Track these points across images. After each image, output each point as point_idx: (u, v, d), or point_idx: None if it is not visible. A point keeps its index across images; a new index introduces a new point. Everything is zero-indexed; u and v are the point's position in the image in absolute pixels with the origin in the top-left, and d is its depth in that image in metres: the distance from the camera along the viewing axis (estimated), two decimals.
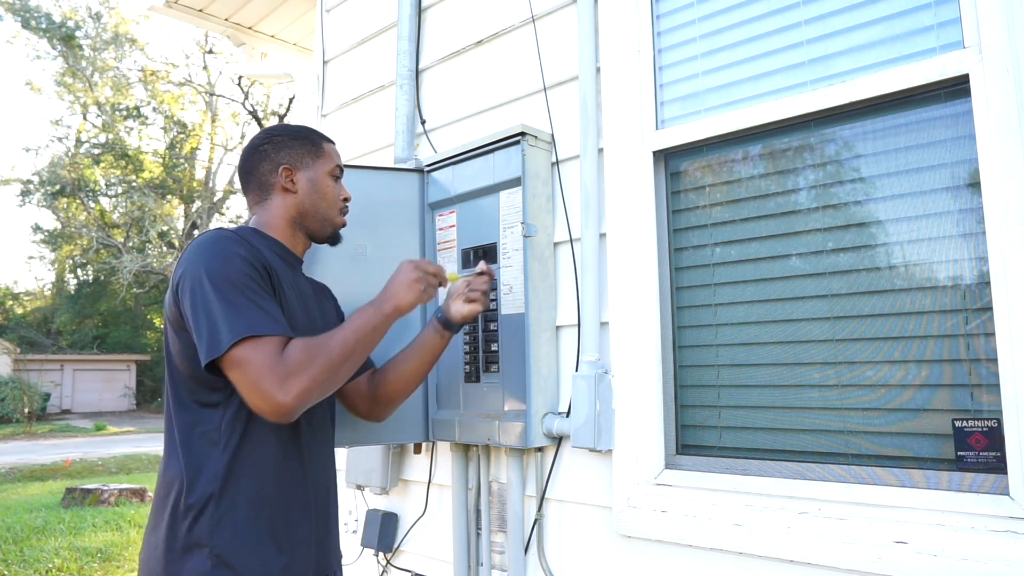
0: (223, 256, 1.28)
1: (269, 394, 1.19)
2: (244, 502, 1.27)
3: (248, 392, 1.21)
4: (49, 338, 27.68)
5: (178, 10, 3.53)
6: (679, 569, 1.57)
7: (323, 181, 1.51)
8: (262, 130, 1.55)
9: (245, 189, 1.52)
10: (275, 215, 1.48)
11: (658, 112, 1.75)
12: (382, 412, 1.64)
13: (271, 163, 1.48)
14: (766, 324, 1.57)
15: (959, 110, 1.34)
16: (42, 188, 25.80)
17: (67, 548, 5.71)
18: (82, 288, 28.85)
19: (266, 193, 1.49)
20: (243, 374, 1.20)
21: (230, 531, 1.25)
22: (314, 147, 1.52)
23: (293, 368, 1.22)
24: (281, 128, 1.53)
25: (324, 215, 1.52)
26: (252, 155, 1.50)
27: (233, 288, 1.24)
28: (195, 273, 1.26)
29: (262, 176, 1.49)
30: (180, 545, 1.24)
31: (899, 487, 1.34)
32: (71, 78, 25.66)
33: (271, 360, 1.21)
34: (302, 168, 1.49)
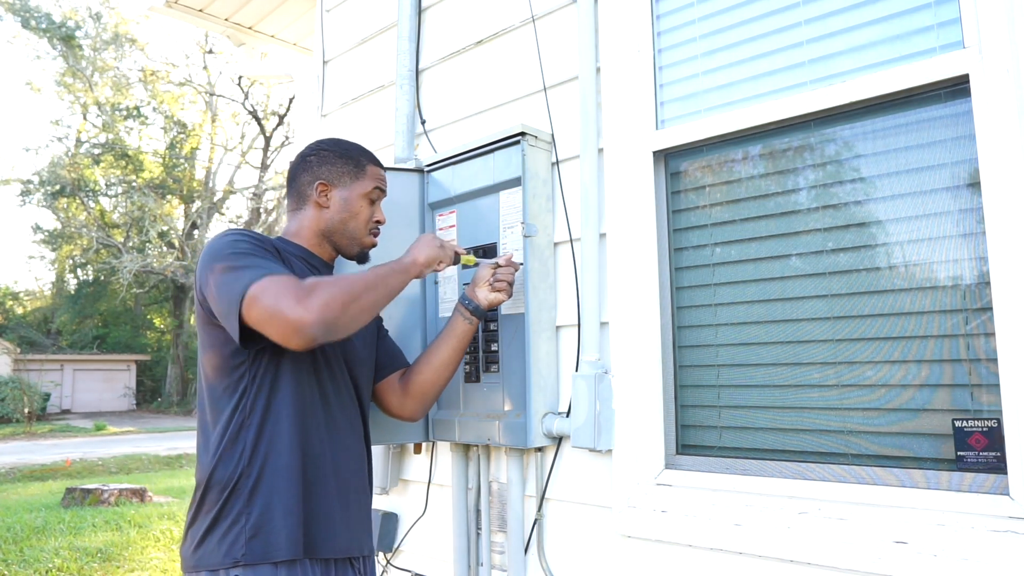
0: (225, 243, 1.36)
1: (288, 312, 1.21)
2: (271, 476, 1.33)
3: (269, 319, 1.22)
4: (49, 338, 27.69)
5: (178, 10, 3.52)
6: (679, 569, 1.57)
7: (357, 202, 1.55)
8: (315, 140, 1.60)
9: (288, 194, 1.59)
10: (304, 226, 1.54)
11: (658, 112, 1.75)
12: (416, 407, 1.68)
13: (311, 175, 1.54)
14: (766, 324, 1.57)
15: (959, 110, 1.34)
16: (42, 188, 25.80)
17: (67, 548, 5.71)
18: (82, 288, 28.85)
19: (302, 203, 1.55)
20: (261, 305, 1.23)
21: (260, 504, 1.32)
22: (357, 168, 1.56)
23: (309, 288, 1.25)
24: (332, 143, 1.58)
25: (352, 235, 1.56)
26: (299, 164, 1.56)
27: (236, 257, 1.31)
28: (205, 266, 1.34)
29: (301, 186, 1.55)
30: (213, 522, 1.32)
31: (899, 487, 1.34)
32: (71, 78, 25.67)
33: (286, 285, 1.24)
34: (339, 186, 1.54)
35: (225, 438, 1.34)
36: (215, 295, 1.30)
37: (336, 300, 1.26)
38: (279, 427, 1.36)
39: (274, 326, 1.23)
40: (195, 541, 1.33)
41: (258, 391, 1.36)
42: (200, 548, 1.32)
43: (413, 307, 2.03)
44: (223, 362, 1.36)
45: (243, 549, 1.29)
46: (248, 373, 1.36)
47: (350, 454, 1.49)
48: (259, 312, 1.24)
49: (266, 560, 1.30)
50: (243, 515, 1.31)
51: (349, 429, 1.50)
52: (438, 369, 1.65)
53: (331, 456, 1.43)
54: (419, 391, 1.66)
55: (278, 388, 1.37)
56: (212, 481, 1.34)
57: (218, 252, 1.33)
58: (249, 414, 1.35)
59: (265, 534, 1.31)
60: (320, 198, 1.53)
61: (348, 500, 1.46)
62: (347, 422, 1.50)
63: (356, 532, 1.47)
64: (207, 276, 1.33)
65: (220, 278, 1.30)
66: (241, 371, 1.36)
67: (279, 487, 1.34)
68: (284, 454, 1.35)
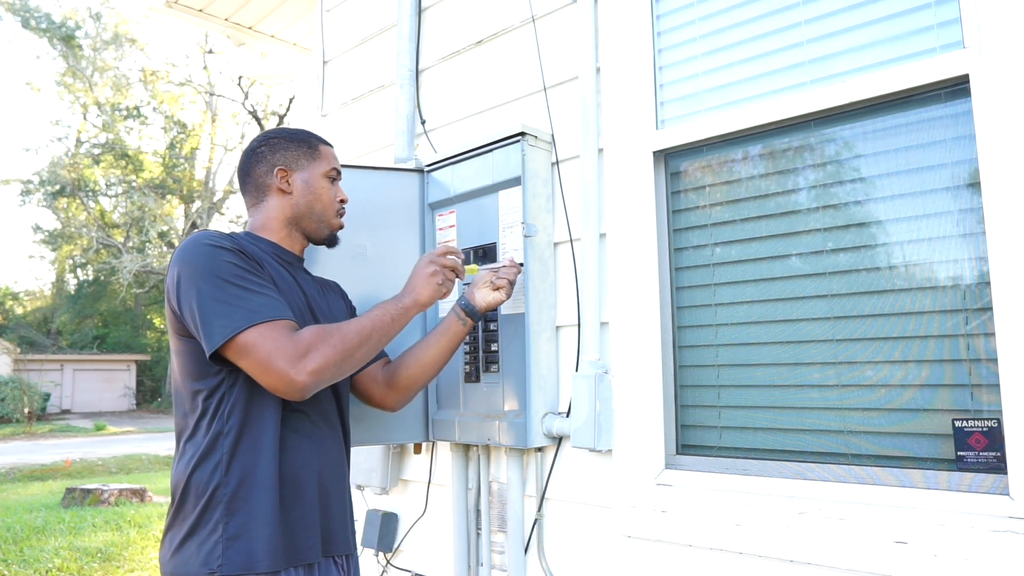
0: (206, 254, 1.31)
1: (282, 372, 1.24)
2: (248, 486, 1.30)
3: (261, 373, 1.26)
4: (49, 338, 27.69)
5: (178, 10, 3.52)
6: (679, 569, 1.57)
7: (318, 183, 1.53)
8: (260, 134, 1.58)
9: (243, 192, 1.55)
10: (270, 216, 1.51)
11: (658, 112, 1.75)
12: (398, 399, 1.66)
13: (267, 164, 1.51)
14: (766, 324, 1.57)
15: (959, 110, 1.34)
16: (42, 188, 25.80)
17: (67, 548, 5.71)
18: (82, 288, 28.84)
19: (262, 195, 1.52)
20: (254, 357, 1.25)
21: (240, 515, 1.28)
22: (310, 149, 1.54)
23: (305, 347, 1.27)
24: (278, 131, 1.56)
25: (320, 216, 1.54)
26: (249, 158, 1.53)
27: (225, 281, 1.29)
28: (185, 277, 1.30)
29: (258, 178, 1.51)
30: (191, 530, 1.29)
31: (899, 487, 1.34)
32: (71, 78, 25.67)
33: (281, 341, 1.26)
34: (297, 170, 1.52)
35: (202, 446, 1.31)
36: (197, 316, 1.27)
37: (331, 361, 1.29)
38: (259, 436, 1.32)
39: (265, 380, 1.27)
40: (172, 547, 1.31)
41: (237, 399, 1.32)
42: (177, 555, 1.29)
43: None
44: (199, 369, 1.32)
45: (220, 559, 1.25)
46: (227, 381, 1.32)
47: (330, 458, 1.45)
48: (250, 363, 1.26)
49: (246, 571, 1.26)
50: (220, 524, 1.27)
51: (329, 431, 1.47)
52: (426, 366, 1.63)
53: (311, 463, 1.39)
54: (404, 385, 1.63)
55: (257, 396, 1.33)
56: (189, 488, 1.30)
57: (203, 266, 1.29)
58: (227, 421, 1.31)
59: (244, 544, 1.27)
60: (282, 184, 1.50)
61: (329, 504, 1.43)
62: (327, 425, 1.47)
63: (337, 533, 1.45)
64: (188, 290, 1.29)
65: (207, 304, 1.27)
66: (219, 378, 1.32)
67: (258, 497, 1.30)
68: (264, 463, 1.31)
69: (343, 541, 1.46)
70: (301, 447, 1.38)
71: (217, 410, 1.31)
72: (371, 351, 1.38)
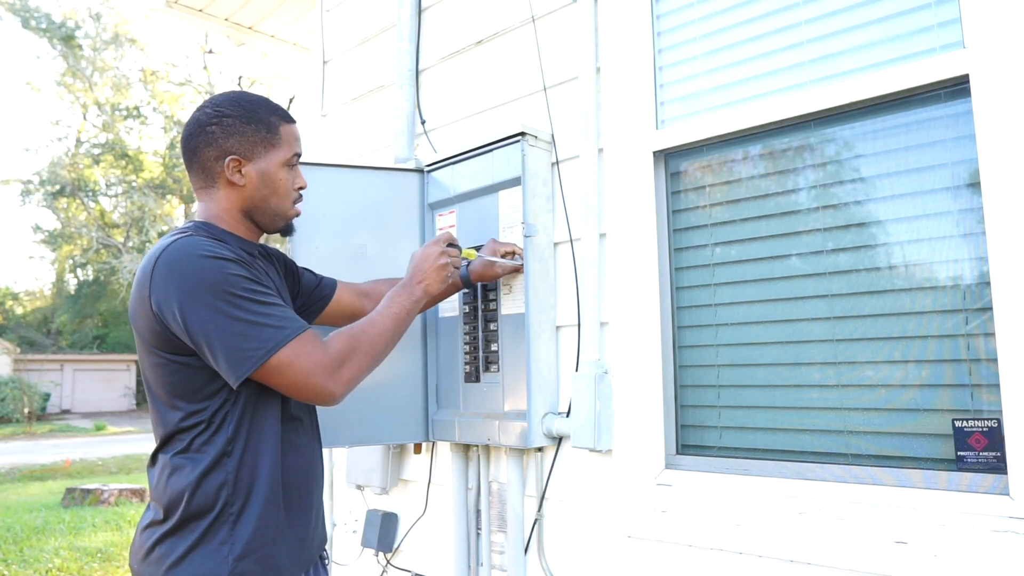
0: (210, 268, 1.20)
1: (320, 387, 1.24)
2: (256, 502, 1.26)
3: (297, 390, 1.24)
4: (49, 338, 27.68)
5: (178, 10, 3.52)
6: (679, 569, 1.57)
7: (276, 174, 1.36)
8: (209, 100, 1.37)
9: (188, 168, 1.37)
10: (223, 208, 1.36)
11: (658, 112, 1.75)
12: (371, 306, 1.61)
13: (217, 149, 1.32)
14: (766, 324, 1.57)
15: (959, 110, 1.34)
16: (42, 188, 25.80)
17: (67, 548, 5.71)
18: (82, 288, 28.83)
19: (211, 181, 1.35)
20: (290, 376, 1.22)
21: (245, 529, 1.24)
22: (269, 133, 1.35)
23: (339, 359, 1.26)
24: (233, 103, 1.35)
25: (275, 210, 1.39)
26: (198, 134, 1.33)
27: (239, 297, 1.20)
28: (189, 295, 1.19)
29: (206, 162, 1.33)
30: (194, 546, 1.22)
31: (899, 487, 1.34)
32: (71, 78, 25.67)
33: (316, 356, 1.24)
34: (253, 159, 1.34)
35: (204, 463, 1.24)
36: (214, 339, 1.18)
37: (363, 368, 1.31)
38: (262, 450, 1.28)
39: (303, 396, 1.26)
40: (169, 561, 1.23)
41: (238, 415, 1.26)
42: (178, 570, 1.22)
43: None
44: (195, 389, 1.25)
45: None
46: (229, 400, 1.26)
47: (316, 462, 1.43)
48: (287, 381, 1.23)
49: None
50: (227, 543, 1.23)
51: (315, 436, 1.45)
52: None
53: (307, 470, 1.38)
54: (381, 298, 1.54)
55: (260, 411, 1.29)
56: (191, 503, 1.23)
57: (210, 283, 1.19)
58: (231, 439, 1.25)
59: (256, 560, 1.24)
60: (233, 176, 1.32)
61: (319, 511, 1.43)
62: (313, 429, 1.45)
63: (321, 533, 1.44)
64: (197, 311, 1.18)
65: (228, 325, 1.18)
66: (218, 401, 1.25)
67: (266, 512, 1.27)
68: (269, 477, 1.28)
69: (324, 539, 1.46)
70: (298, 457, 1.36)
71: (220, 427, 1.25)
72: (391, 349, 1.38)
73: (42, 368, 22.89)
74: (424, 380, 2.03)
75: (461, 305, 1.97)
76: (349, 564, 2.37)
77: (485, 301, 1.90)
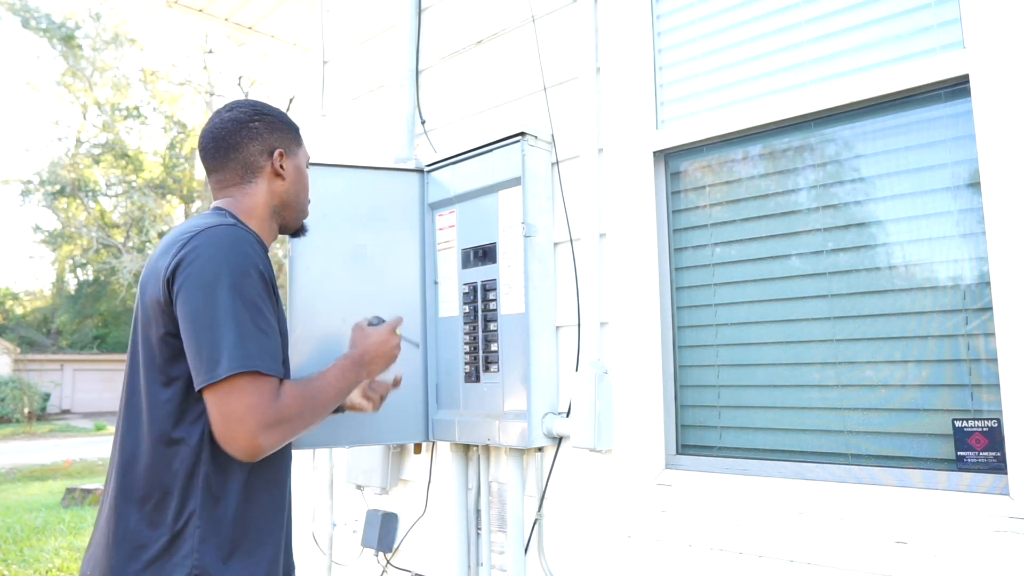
0: (243, 267, 1.20)
1: (250, 433, 1.15)
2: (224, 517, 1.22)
3: (226, 424, 1.15)
4: (49, 338, 27.68)
5: (178, 10, 3.52)
6: (679, 569, 1.57)
7: (305, 171, 1.47)
8: (238, 102, 1.42)
9: (220, 166, 1.38)
10: (258, 201, 1.38)
11: (658, 112, 1.75)
12: None
13: (263, 144, 1.38)
14: (766, 324, 1.57)
15: (959, 110, 1.34)
16: (42, 188, 25.80)
17: (67, 548, 5.71)
18: (82, 288, 28.83)
19: (251, 175, 1.38)
20: (230, 406, 1.14)
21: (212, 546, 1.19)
22: (297, 135, 1.46)
23: (282, 416, 1.19)
24: (267, 107, 1.43)
25: (302, 207, 1.46)
26: (239, 130, 1.37)
27: (246, 309, 1.18)
28: (209, 276, 1.17)
29: (250, 156, 1.37)
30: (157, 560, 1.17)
31: (899, 487, 1.34)
32: (71, 78, 25.67)
33: (265, 401, 1.16)
34: (290, 155, 1.42)
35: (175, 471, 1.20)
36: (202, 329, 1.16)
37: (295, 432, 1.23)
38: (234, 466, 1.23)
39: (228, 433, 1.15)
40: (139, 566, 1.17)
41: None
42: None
43: (413, 307, 2.03)
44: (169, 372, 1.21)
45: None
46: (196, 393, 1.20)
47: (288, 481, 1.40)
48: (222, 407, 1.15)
49: None
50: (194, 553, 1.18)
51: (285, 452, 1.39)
52: None
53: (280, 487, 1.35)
54: None
55: None
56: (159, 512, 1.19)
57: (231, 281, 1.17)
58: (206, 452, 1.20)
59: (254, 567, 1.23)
60: (278, 168, 1.39)
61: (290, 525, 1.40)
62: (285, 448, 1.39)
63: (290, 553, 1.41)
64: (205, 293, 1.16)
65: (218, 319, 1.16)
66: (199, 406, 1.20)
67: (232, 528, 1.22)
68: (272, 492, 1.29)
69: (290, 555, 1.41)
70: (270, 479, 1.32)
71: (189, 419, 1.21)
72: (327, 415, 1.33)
73: (42, 368, 22.89)
74: (424, 380, 2.03)
75: (461, 305, 1.97)
76: (349, 564, 2.37)
77: (485, 301, 1.90)
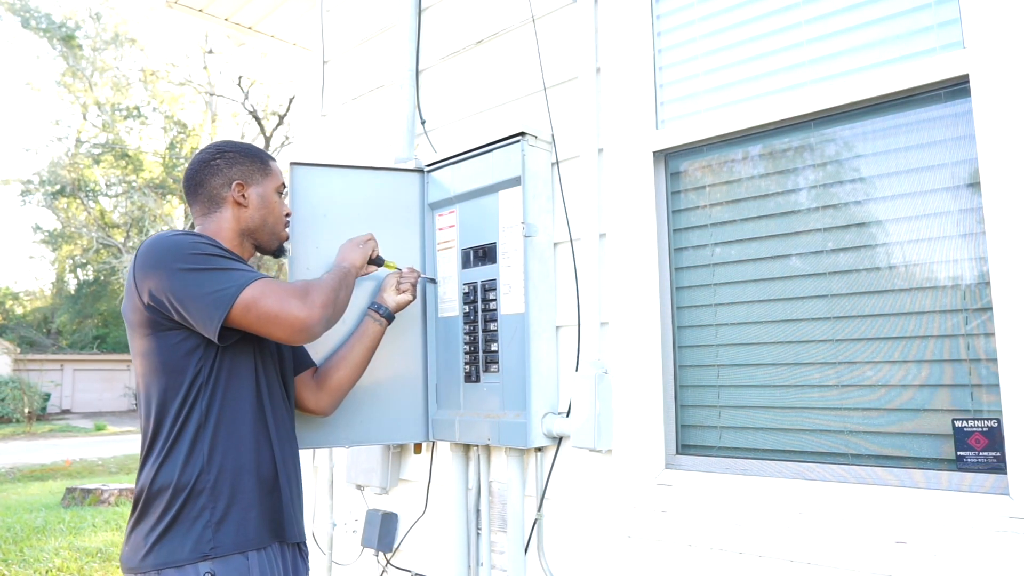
0: (178, 242, 1.37)
1: (297, 311, 1.34)
2: (232, 475, 1.37)
3: (274, 319, 1.33)
4: (49, 338, 27.68)
5: (178, 10, 3.52)
6: (679, 569, 1.57)
7: (271, 197, 1.60)
8: (210, 145, 1.62)
9: (192, 201, 1.59)
10: (224, 227, 1.55)
11: (658, 112, 1.75)
12: (330, 402, 1.74)
13: (223, 178, 1.56)
14: (766, 324, 1.57)
15: (959, 110, 1.34)
16: (42, 188, 25.79)
17: (67, 548, 5.71)
18: (82, 288, 28.83)
19: (216, 206, 1.56)
20: (263, 307, 1.33)
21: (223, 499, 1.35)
22: (263, 165, 1.61)
23: (302, 291, 1.39)
24: (231, 144, 1.61)
25: (272, 230, 1.61)
26: (203, 169, 1.56)
27: (207, 259, 1.35)
28: (161, 266, 1.35)
29: (212, 190, 1.55)
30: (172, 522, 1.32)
31: (899, 487, 1.34)
32: (71, 78, 25.66)
33: (283, 288, 1.36)
34: (253, 184, 1.58)
35: (180, 441, 1.35)
36: (187, 295, 1.33)
37: (328, 298, 1.42)
38: (237, 426, 1.40)
39: (280, 326, 1.34)
40: (150, 542, 1.32)
41: (212, 392, 1.38)
42: (159, 547, 1.32)
43: (413, 307, 2.03)
44: (173, 364, 1.37)
45: (212, 543, 1.32)
46: (201, 375, 1.37)
47: (292, 445, 1.54)
48: (262, 313, 1.33)
49: (237, 551, 1.34)
50: (207, 510, 1.33)
51: (288, 422, 1.56)
52: (353, 368, 1.74)
53: (280, 448, 1.48)
54: (335, 387, 1.72)
55: (232, 388, 1.40)
56: (167, 484, 1.33)
57: (178, 253, 1.35)
58: (205, 415, 1.37)
59: (233, 526, 1.34)
60: (239, 197, 1.55)
61: (295, 490, 1.52)
62: (287, 415, 1.55)
63: (301, 519, 1.54)
64: (167, 277, 1.33)
65: (194, 278, 1.33)
66: (192, 373, 1.37)
67: (242, 484, 1.38)
68: (245, 451, 1.40)
69: (300, 529, 1.53)
70: (274, 438, 1.47)
71: (195, 404, 1.36)
72: (347, 297, 1.54)
73: (42, 368, 22.88)
74: (424, 380, 2.03)
75: (461, 305, 1.97)
76: (349, 564, 2.37)
77: (485, 301, 1.90)
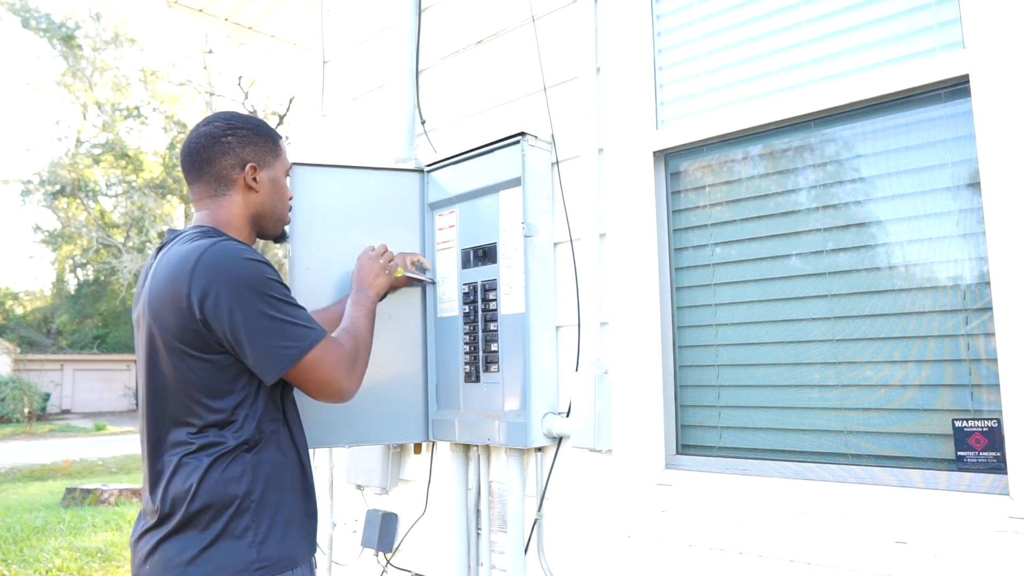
0: (252, 270, 1.30)
1: (344, 384, 1.38)
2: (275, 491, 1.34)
3: (323, 387, 1.36)
4: (49, 338, 27.68)
5: (178, 10, 3.52)
6: (679, 569, 1.57)
7: (281, 181, 1.53)
8: (215, 116, 1.49)
9: (196, 178, 1.46)
10: (235, 213, 1.46)
11: (658, 112, 1.75)
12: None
13: (235, 158, 1.45)
14: (766, 324, 1.57)
15: (959, 110, 1.34)
16: (42, 188, 25.79)
17: (67, 548, 5.71)
18: (82, 288, 28.83)
19: (224, 188, 1.45)
20: (319, 373, 1.35)
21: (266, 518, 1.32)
22: (275, 145, 1.51)
23: (352, 357, 1.42)
24: (241, 119, 1.49)
25: (279, 216, 1.54)
26: (211, 145, 1.44)
27: (281, 305, 1.32)
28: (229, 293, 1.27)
29: (223, 170, 1.44)
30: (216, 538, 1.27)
31: (899, 487, 1.34)
32: (71, 78, 25.67)
33: (339, 355, 1.38)
34: (265, 167, 1.48)
35: (225, 457, 1.30)
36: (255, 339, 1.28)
37: (366, 363, 1.47)
38: (277, 443, 1.37)
39: (325, 393, 1.37)
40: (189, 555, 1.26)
41: (256, 411, 1.34)
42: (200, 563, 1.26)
43: (413, 307, 2.03)
44: (216, 386, 1.31)
45: (257, 563, 1.28)
46: (250, 396, 1.34)
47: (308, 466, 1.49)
48: (317, 377, 1.35)
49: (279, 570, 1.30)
50: (251, 530, 1.29)
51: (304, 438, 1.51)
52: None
53: (308, 462, 1.47)
54: None
55: (271, 406, 1.38)
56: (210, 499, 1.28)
57: (253, 289, 1.29)
58: (251, 432, 1.32)
59: (276, 543, 1.31)
60: (251, 181, 1.45)
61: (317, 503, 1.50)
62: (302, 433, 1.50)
63: None
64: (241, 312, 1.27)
65: (267, 326, 1.29)
66: (244, 393, 1.33)
67: (285, 501, 1.35)
68: (288, 469, 1.38)
69: None
70: (301, 451, 1.45)
71: (242, 423, 1.32)
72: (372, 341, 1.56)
73: (42, 368, 22.88)
74: (424, 380, 2.03)
75: (461, 305, 1.97)
76: (349, 564, 2.37)
77: (485, 301, 1.90)
